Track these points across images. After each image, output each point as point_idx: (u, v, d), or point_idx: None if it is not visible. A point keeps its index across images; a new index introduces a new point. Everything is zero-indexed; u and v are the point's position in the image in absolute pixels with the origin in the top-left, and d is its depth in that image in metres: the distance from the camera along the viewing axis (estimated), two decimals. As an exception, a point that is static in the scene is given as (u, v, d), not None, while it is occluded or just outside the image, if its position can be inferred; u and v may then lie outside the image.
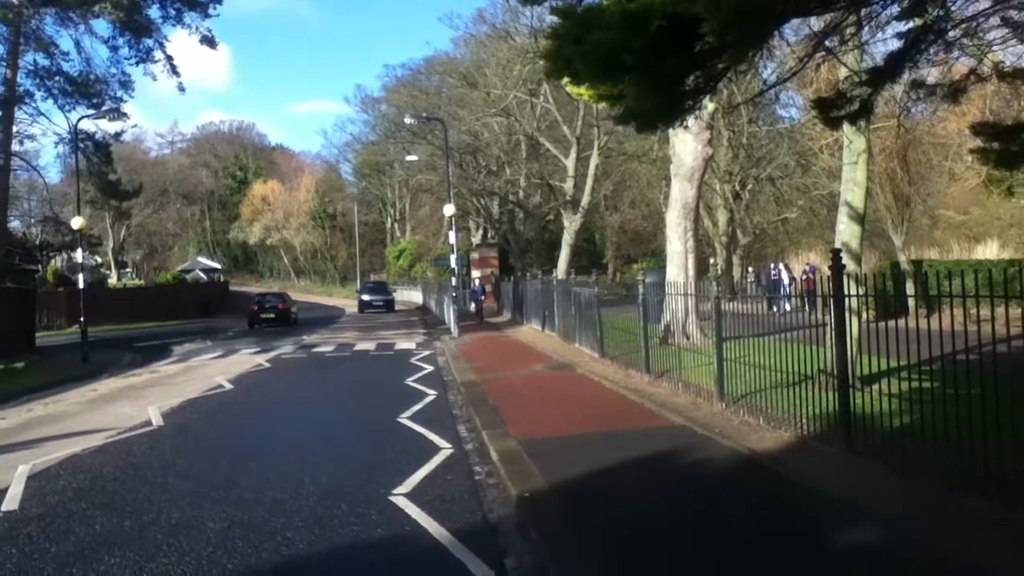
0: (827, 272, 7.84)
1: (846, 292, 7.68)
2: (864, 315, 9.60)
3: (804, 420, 8.14)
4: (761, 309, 10.77)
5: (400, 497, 7.13)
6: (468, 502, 6.98)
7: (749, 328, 9.79)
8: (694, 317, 14.07)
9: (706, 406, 10.20)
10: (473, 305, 36.84)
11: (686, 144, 17.58)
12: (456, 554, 5.67)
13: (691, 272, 16.93)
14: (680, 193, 17.74)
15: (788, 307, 11.29)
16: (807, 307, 11.47)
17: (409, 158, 50.53)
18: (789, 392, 8.51)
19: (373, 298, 50.66)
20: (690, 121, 9.95)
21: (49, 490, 8.17)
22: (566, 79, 6.95)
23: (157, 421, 12.20)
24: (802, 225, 40.17)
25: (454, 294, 27.95)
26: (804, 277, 27.82)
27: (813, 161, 33.18)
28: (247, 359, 22.15)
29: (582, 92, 7.45)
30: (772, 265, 32.39)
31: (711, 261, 14.04)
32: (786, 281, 29.25)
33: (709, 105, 16.68)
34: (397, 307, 53.00)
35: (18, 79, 32.90)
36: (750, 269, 36.42)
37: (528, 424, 9.84)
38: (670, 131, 16.65)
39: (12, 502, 7.68)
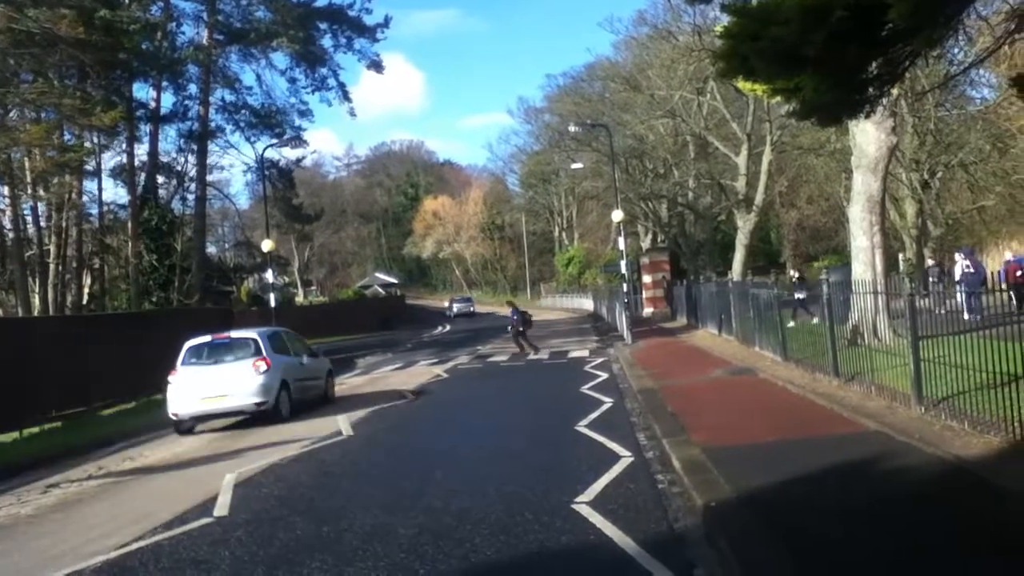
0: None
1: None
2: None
3: (1016, 423, 7.48)
4: (954, 307, 9.97)
5: (583, 506, 7.10)
6: (652, 511, 6.87)
7: (947, 326, 9.12)
8: (885, 316, 13.26)
9: (902, 410, 9.57)
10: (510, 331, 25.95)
11: (867, 134, 16.64)
12: (643, 564, 5.58)
13: (879, 268, 16.00)
14: (863, 185, 16.82)
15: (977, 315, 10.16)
16: (1016, 303, 10.43)
17: (574, 166, 50.78)
18: (997, 393, 7.84)
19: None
20: (873, 110, 9.41)
21: (253, 497, 8.76)
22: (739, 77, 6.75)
23: (347, 431, 12.80)
24: (1001, 213, 37.00)
25: (626, 300, 27.79)
26: (1005, 268, 25.14)
27: (1011, 143, 30.59)
28: (426, 370, 22.90)
29: (756, 88, 7.21)
30: (963, 256, 26.13)
31: (900, 256, 13.16)
32: (956, 274, 21.57)
33: (892, 91, 15.73)
34: (565, 315, 31.34)
35: (209, 115, 35.97)
36: (930, 261, 31.30)
37: (711, 431, 9.58)
38: (850, 121, 15.81)
39: (222, 508, 8.29)
